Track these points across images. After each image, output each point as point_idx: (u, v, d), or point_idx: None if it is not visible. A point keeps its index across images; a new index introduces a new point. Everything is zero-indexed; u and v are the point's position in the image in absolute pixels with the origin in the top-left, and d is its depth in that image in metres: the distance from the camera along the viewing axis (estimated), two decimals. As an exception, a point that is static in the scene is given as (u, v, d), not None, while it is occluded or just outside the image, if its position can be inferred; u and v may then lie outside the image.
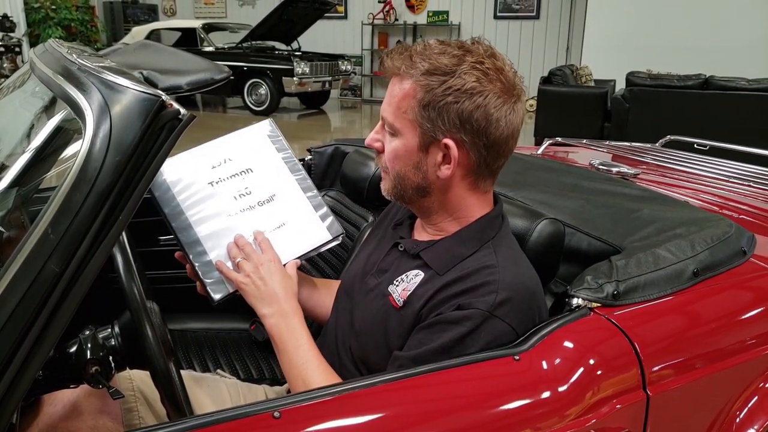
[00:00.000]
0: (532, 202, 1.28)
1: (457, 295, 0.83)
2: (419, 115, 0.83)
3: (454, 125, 0.82)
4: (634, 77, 5.24)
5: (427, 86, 0.82)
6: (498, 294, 0.81)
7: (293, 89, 7.94)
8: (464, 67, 0.81)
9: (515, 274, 0.85)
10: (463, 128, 0.82)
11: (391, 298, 0.90)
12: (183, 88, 0.68)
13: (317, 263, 1.59)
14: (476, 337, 0.80)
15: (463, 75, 0.81)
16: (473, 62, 0.82)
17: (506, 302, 0.81)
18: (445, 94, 0.81)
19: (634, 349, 0.88)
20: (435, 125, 0.83)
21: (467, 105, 0.81)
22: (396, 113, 0.85)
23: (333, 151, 1.75)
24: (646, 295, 0.95)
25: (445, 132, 0.83)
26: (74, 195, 0.58)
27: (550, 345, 0.83)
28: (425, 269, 0.90)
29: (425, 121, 0.83)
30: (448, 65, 0.81)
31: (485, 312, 0.80)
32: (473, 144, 0.83)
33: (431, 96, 0.82)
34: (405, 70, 0.84)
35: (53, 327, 0.59)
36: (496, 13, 9.24)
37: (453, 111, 0.81)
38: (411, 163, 0.87)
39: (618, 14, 7.03)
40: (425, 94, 0.82)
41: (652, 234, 1.12)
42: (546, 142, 2.09)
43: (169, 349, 0.90)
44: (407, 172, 0.87)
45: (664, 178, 1.74)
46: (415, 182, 0.88)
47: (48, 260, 0.57)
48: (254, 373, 1.48)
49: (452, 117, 0.82)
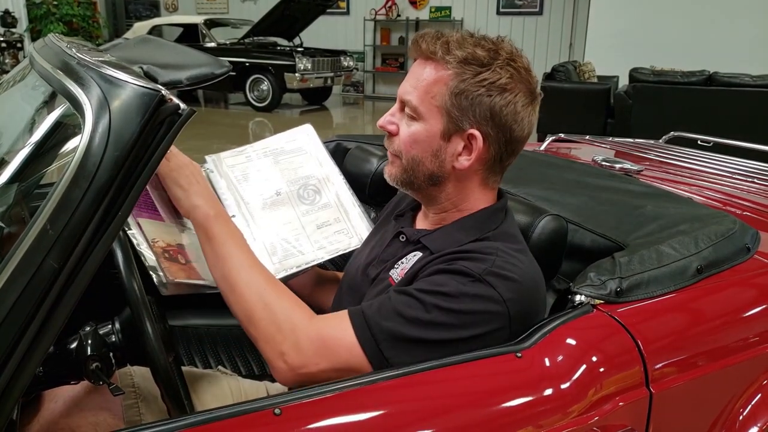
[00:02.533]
0: (534, 198, 1.28)
1: (453, 260, 0.83)
2: (449, 102, 0.83)
3: (484, 117, 0.83)
4: (638, 73, 5.22)
5: (462, 75, 0.82)
6: (493, 267, 0.81)
7: (295, 85, 7.93)
8: (499, 62, 0.82)
9: (515, 260, 0.84)
10: (492, 122, 0.83)
11: (391, 279, 0.90)
12: (183, 83, 0.67)
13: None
14: (463, 291, 0.78)
15: (498, 69, 0.82)
16: (507, 59, 0.83)
17: (500, 276, 0.80)
18: (480, 85, 0.82)
19: (637, 347, 0.87)
20: (464, 114, 0.83)
21: (499, 100, 0.82)
22: (423, 97, 0.84)
23: (335, 147, 1.75)
24: (650, 292, 0.94)
25: (473, 123, 0.83)
26: (73, 190, 0.58)
27: (553, 342, 0.83)
28: (424, 251, 0.90)
29: (454, 109, 0.83)
30: (485, 57, 0.82)
31: (476, 274, 0.79)
32: (496, 139, 0.85)
33: (465, 85, 0.82)
34: (441, 56, 0.83)
35: (53, 323, 0.58)
36: (498, 9, 9.20)
37: (486, 103, 0.82)
38: (430, 150, 0.86)
39: (621, 10, 6.99)
40: (460, 82, 0.82)
41: (655, 231, 1.11)
42: (549, 139, 2.08)
43: (170, 345, 0.90)
44: (423, 159, 0.87)
45: (668, 175, 1.73)
46: (430, 170, 0.87)
47: (47, 256, 0.57)
48: (256, 370, 1.48)
49: (484, 109, 0.82)
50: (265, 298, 0.81)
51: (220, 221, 0.87)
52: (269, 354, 0.81)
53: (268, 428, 0.67)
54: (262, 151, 1.12)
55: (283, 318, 0.80)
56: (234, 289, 0.82)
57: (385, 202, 1.23)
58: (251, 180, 1.08)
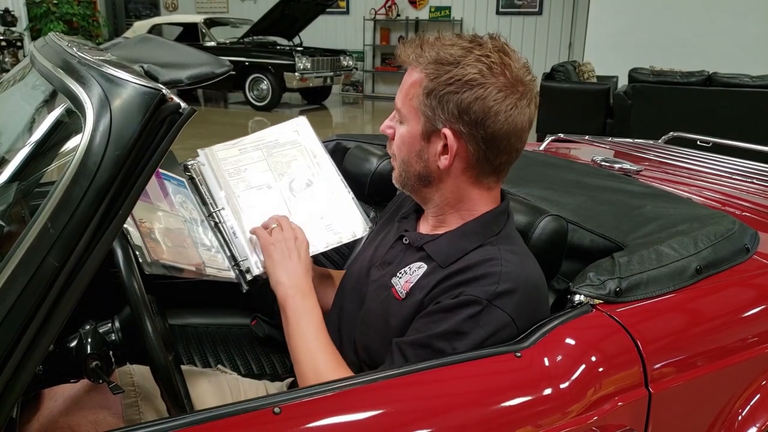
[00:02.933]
0: (534, 199, 1.28)
1: (458, 285, 0.83)
2: (423, 103, 0.85)
3: (452, 115, 0.83)
4: (637, 74, 5.22)
5: (432, 75, 0.84)
6: (499, 285, 0.81)
7: (295, 85, 7.92)
8: (469, 59, 0.82)
9: (518, 267, 0.85)
10: (461, 119, 0.83)
11: (394, 290, 0.90)
12: (183, 82, 0.67)
13: (317, 257, 1.59)
14: (474, 325, 0.80)
15: (467, 66, 0.82)
16: (479, 55, 0.82)
17: (506, 293, 0.81)
18: (447, 83, 0.82)
19: (636, 347, 0.88)
20: (435, 114, 0.84)
21: (466, 96, 0.81)
22: (404, 100, 0.88)
23: (334, 146, 1.75)
24: (649, 292, 0.95)
25: (444, 121, 0.84)
26: (74, 189, 0.58)
27: (552, 342, 0.83)
28: (428, 261, 0.90)
29: (427, 109, 0.85)
30: (454, 56, 0.83)
31: (484, 300, 0.80)
32: (471, 136, 0.84)
33: (434, 84, 0.83)
34: (414, 59, 0.86)
35: (53, 321, 0.58)
36: (498, 9, 9.20)
37: (453, 101, 0.82)
38: (414, 151, 0.89)
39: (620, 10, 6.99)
40: (429, 82, 0.84)
41: (654, 231, 1.12)
42: (548, 139, 2.08)
43: (170, 344, 0.90)
44: (410, 160, 0.90)
45: (667, 175, 1.74)
46: (417, 170, 0.90)
47: (47, 254, 0.57)
48: (255, 369, 1.48)
49: (451, 107, 0.82)
50: (321, 378, 0.85)
51: (297, 300, 0.93)
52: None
53: (267, 427, 0.68)
54: (255, 144, 1.12)
55: (326, 375, 0.84)
56: (297, 365, 0.90)
57: (385, 202, 1.23)
58: (243, 173, 1.09)
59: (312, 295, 0.95)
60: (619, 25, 6.95)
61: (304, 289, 0.94)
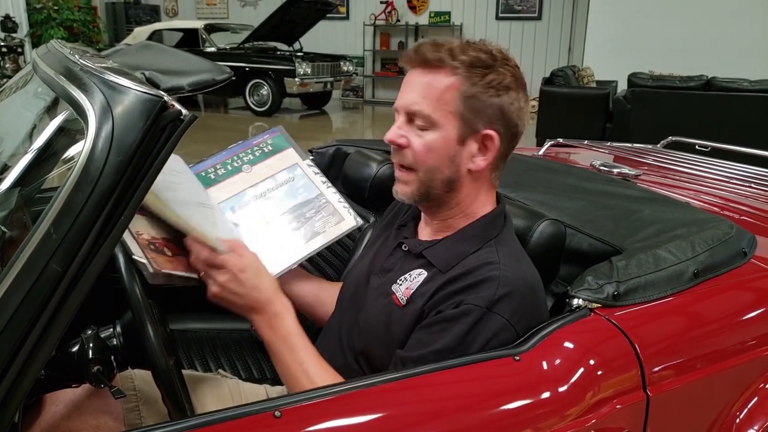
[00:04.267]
0: (533, 203, 1.28)
1: (458, 293, 0.84)
2: (462, 106, 0.85)
3: (496, 117, 0.87)
4: (636, 78, 5.24)
5: (471, 78, 0.85)
6: (497, 290, 0.82)
7: (295, 90, 7.94)
8: (499, 63, 0.86)
9: (516, 270, 0.85)
10: (502, 120, 0.87)
11: (395, 297, 0.90)
12: (185, 89, 0.68)
13: (318, 263, 1.59)
14: (475, 334, 0.81)
15: (501, 70, 0.86)
16: (503, 59, 0.87)
17: (505, 298, 0.82)
18: (489, 86, 0.85)
19: (635, 350, 0.88)
20: (478, 116, 0.86)
21: (506, 99, 0.86)
22: (436, 105, 0.86)
23: (334, 151, 1.76)
24: (647, 296, 0.95)
25: (486, 123, 0.87)
26: (76, 195, 0.58)
27: (551, 345, 0.83)
28: (428, 268, 0.90)
29: (467, 112, 0.86)
30: (487, 60, 0.86)
31: (483, 308, 0.81)
32: (506, 136, 0.89)
33: (475, 89, 0.85)
34: (449, 62, 0.85)
35: (56, 326, 0.59)
36: (498, 14, 9.23)
37: (496, 103, 0.86)
38: (447, 156, 0.88)
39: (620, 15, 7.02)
40: (471, 86, 0.85)
41: (652, 235, 1.12)
42: (547, 143, 2.09)
43: (171, 348, 0.90)
44: (441, 166, 0.88)
45: (666, 179, 1.74)
46: (447, 176, 0.89)
47: (50, 260, 0.57)
48: (255, 373, 1.48)
49: (495, 109, 0.86)
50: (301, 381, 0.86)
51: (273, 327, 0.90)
52: None
53: (268, 430, 0.68)
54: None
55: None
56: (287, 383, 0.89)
57: (384, 207, 1.24)
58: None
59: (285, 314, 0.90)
60: (619, 29, 6.98)
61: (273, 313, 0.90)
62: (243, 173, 1.10)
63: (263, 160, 1.12)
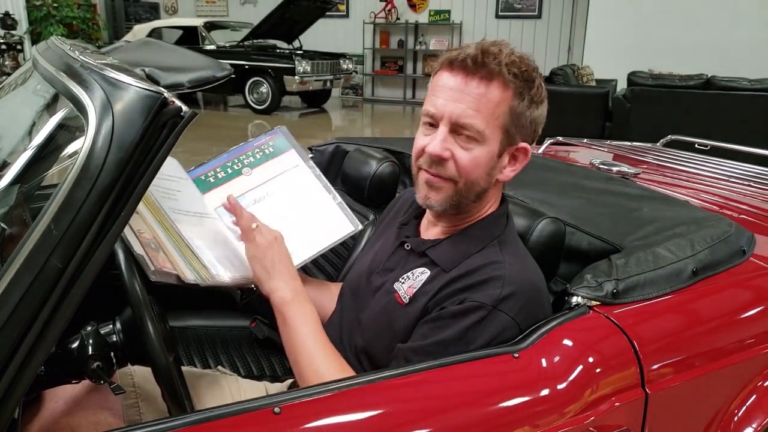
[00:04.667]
0: (532, 201, 1.28)
1: (463, 290, 0.84)
2: (509, 121, 0.84)
3: (531, 129, 0.87)
4: (636, 77, 5.24)
5: (521, 94, 0.83)
6: (503, 289, 0.82)
7: (294, 88, 7.93)
8: (536, 74, 0.85)
9: (521, 270, 0.86)
10: (535, 132, 0.87)
11: (397, 295, 0.90)
12: (185, 86, 0.68)
13: (318, 261, 1.59)
14: (480, 330, 0.81)
15: (537, 80, 0.85)
16: (535, 68, 0.86)
17: (510, 297, 0.82)
18: (532, 101, 0.84)
19: (633, 348, 0.88)
20: (518, 130, 0.85)
21: (541, 112, 0.86)
22: (489, 119, 0.82)
23: (334, 149, 1.76)
24: (646, 293, 0.95)
25: (523, 136, 0.87)
26: (76, 192, 0.58)
27: (550, 343, 0.84)
28: (431, 267, 0.90)
29: (512, 127, 0.84)
30: (528, 71, 0.84)
31: (489, 306, 0.81)
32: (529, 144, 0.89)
33: (524, 104, 0.84)
34: (505, 75, 0.81)
35: (56, 322, 0.59)
36: (497, 13, 9.22)
37: (530, 117, 0.85)
38: (487, 170, 0.86)
39: (620, 14, 7.02)
40: (520, 102, 0.83)
41: (652, 233, 1.12)
42: (547, 142, 2.09)
43: (170, 345, 0.91)
44: (480, 179, 0.86)
45: (665, 178, 1.74)
46: (482, 187, 0.88)
47: (51, 256, 0.57)
48: (255, 370, 1.48)
49: (530, 122, 0.86)
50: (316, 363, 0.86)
51: (295, 305, 0.91)
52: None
53: (267, 427, 0.68)
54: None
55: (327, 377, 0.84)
56: (299, 371, 0.88)
57: (384, 204, 1.24)
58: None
59: (308, 299, 0.94)
60: (618, 28, 6.97)
61: (301, 292, 0.93)
62: (243, 176, 1.09)
63: (264, 162, 1.11)
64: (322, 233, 1.08)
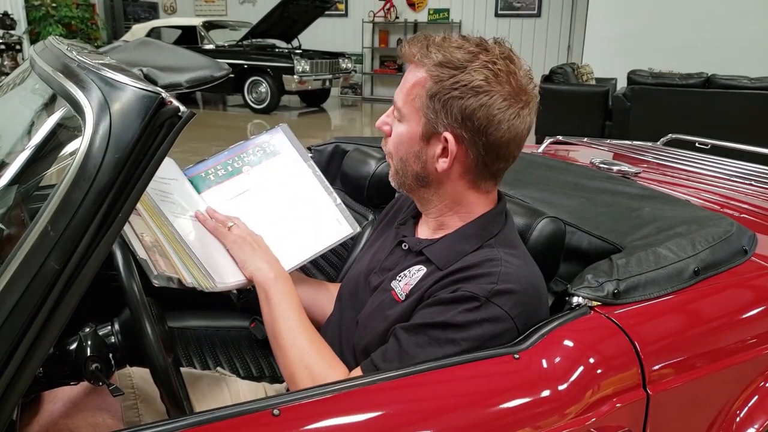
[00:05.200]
0: (532, 201, 1.28)
1: (457, 282, 0.84)
2: (425, 104, 0.84)
3: (456, 120, 0.83)
4: (636, 75, 5.24)
5: (437, 77, 0.83)
6: (498, 284, 0.81)
7: (293, 87, 7.92)
8: (476, 65, 0.82)
9: (518, 268, 0.85)
10: (464, 125, 0.82)
11: (394, 293, 0.90)
12: (182, 86, 0.68)
13: (317, 261, 1.59)
14: (471, 319, 0.80)
15: (473, 72, 0.81)
16: (486, 61, 0.82)
17: (505, 292, 0.81)
18: (453, 87, 0.82)
19: (635, 348, 0.88)
20: (438, 117, 0.84)
21: (471, 102, 0.81)
22: (405, 99, 0.87)
23: (333, 149, 1.75)
24: (647, 293, 0.95)
25: (446, 125, 0.84)
26: (74, 192, 0.58)
27: (550, 343, 0.83)
28: (427, 264, 0.90)
29: (430, 112, 0.84)
30: (461, 60, 0.82)
31: (482, 297, 0.81)
32: (472, 142, 0.84)
33: (439, 87, 0.83)
34: (419, 59, 0.85)
35: (53, 324, 0.58)
36: (497, 11, 9.22)
37: (457, 106, 0.82)
38: (412, 151, 0.88)
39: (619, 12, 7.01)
40: (434, 84, 0.83)
41: (652, 233, 1.12)
42: (547, 141, 2.09)
43: (169, 346, 0.90)
44: (408, 159, 0.89)
45: (666, 177, 1.74)
46: (415, 170, 0.89)
47: (48, 257, 0.57)
48: (254, 371, 1.48)
49: (455, 112, 0.82)
50: (305, 360, 0.88)
51: (278, 284, 0.95)
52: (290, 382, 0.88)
53: (266, 429, 0.68)
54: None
55: (320, 379, 0.85)
56: (281, 349, 0.90)
57: (383, 204, 1.23)
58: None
59: (291, 281, 0.97)
60: (618, 27, 6.97)
61: (282, 273, 0.97)
62: (243, 174, 1.09)
63: (264, 161, 1.10)
64: (320, 235, 1.08)
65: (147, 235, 0.88)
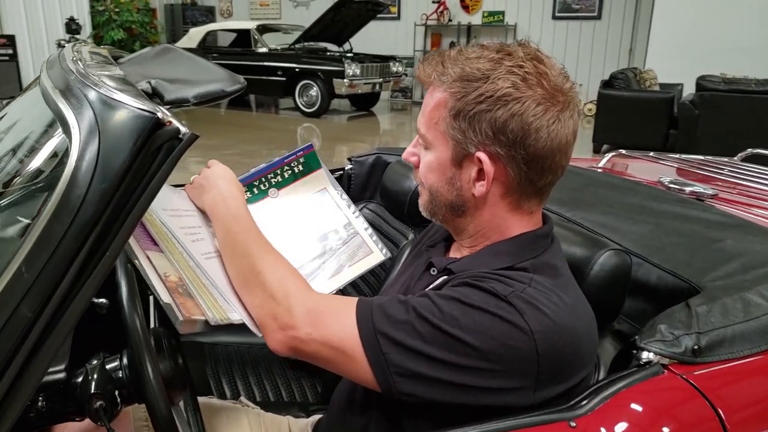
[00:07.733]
0: (592, 225, 1.15)
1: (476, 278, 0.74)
2: (450, 125, 0.74)
3: (486, 136, 0.72)
4: (706, 81, 4.90)
5: (458, 94, 0.73)
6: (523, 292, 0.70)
7: (343, 91, 7.93)
8: (500, 72, 0.71)
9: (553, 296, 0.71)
10: (497, 140, 0.72)
11: None
12: (190, 101, 0.60)
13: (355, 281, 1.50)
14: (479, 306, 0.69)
15: (498, 80, 0.71)
16: (511, 66, 0.71)
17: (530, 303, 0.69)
18: (477, 101, 0.72)
19: (718, 416, 0.73)
20: (466, 137, 0.73)
21: (501, 113, 0.71)
22: (428, 124, 0.78)
23: (374, 160, 1.66)
24: (734, 351, 0.80)
25: (477, 144, 0.73)
26: (54, 227, 0.50)
27: (615, 408, 0.70)
28: (450, 274, 0.81)
29: (456, 132, 0.74)
30: (482, 69, 0.72)
31: (501, 294, 0.70)
32: (510, 158, 0.73)
33: (462, 104, 0.73)
34: (436, 78, 0.76)
35: (27, 379, 0.51)
36: (554, 13, 8.93)
37: (485, 120, 0.72)
38: (444, 179, 0.78)
39: (688, 14, 6.61)
40: (456, 102, 0.73)
41: (737, 271, 0.96)
42: (608, 155, 1.91)
43: (182, 383, 0.83)
44: (440, 188, 0.79)
45: (748, 199, 1.54)
46: (449, 199, 0.79)
47: (20, 303, 0.49)
48: (285, 395, 1.41)
49: (484, 127, 0.72)
50: (258, 267, 0.82)
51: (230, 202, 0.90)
52: (262, 317, 0.80)
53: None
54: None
55: (278, 286, 0.80)
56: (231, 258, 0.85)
57: (424, 224, 1.13)
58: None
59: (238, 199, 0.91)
60: (686, 28, 6.57)
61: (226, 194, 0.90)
62: (269, 197, 1.04)
63: (292, 182, 1.06)
64: (348, 264, 1.01)
65: (171, 275, 0.79)
